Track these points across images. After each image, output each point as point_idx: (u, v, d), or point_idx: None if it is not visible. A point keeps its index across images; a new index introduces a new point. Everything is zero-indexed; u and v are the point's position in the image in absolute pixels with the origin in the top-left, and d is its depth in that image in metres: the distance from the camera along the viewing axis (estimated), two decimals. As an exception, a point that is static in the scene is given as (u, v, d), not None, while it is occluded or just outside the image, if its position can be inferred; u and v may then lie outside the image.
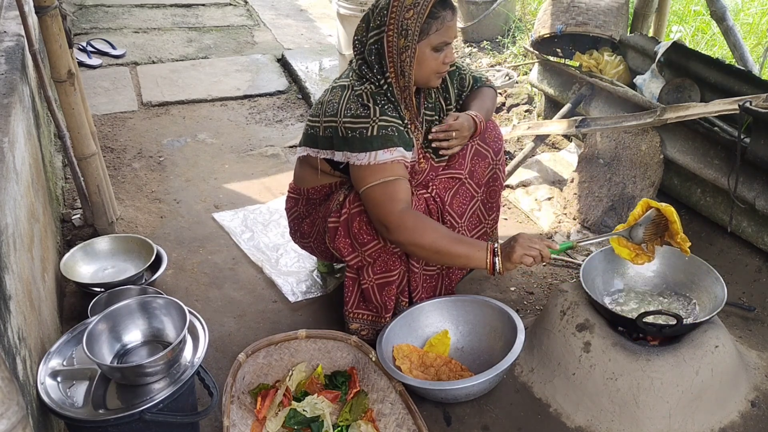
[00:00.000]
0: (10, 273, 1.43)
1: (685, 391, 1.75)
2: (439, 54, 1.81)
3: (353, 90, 1.83)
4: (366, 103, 1.79)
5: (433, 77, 1.87)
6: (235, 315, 2.24)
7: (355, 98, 1.81)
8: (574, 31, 3.05)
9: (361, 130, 1.77)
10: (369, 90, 1.82)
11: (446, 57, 1.83)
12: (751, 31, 4.45)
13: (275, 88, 4.07)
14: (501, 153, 2.15)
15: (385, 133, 1.77)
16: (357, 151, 1.78)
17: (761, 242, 2.43)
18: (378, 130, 1.77)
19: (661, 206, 1.83)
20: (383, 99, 1.83)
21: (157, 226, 2.69)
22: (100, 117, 3.54)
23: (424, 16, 1.74)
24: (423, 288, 2.06)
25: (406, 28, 1.74)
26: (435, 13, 1.75)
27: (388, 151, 1.77)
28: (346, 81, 1.87)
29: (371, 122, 1.77)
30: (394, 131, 1.79)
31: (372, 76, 1.83)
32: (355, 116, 1.78)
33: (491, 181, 2.16)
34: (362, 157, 1.77)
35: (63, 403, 1.48)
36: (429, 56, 1.80)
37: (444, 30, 1.78)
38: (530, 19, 4.82)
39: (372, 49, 1.81)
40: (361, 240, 1.88)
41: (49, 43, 2.17)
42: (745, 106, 2.29)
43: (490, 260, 1.74)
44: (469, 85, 2.13)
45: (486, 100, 2.12)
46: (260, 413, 1.78)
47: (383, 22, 1.77)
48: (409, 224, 1.75)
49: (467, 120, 1.98)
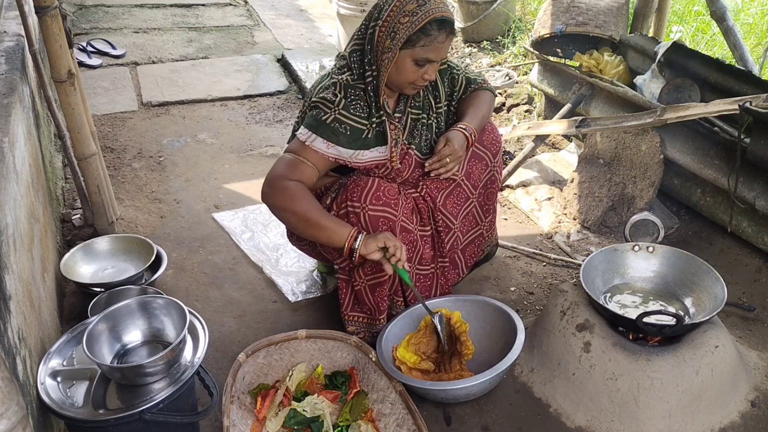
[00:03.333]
0: (10, 273, 1.43)
1: (685, 391, 1.75)
2: (418, 68, 1.81)
3: (331, 78, 1.88)
4: (336, 92, 1.84)
5: (407, 86, 1.87)
6: (235, 315, 2.24)
7: (330, 85, 1.86)
8: (574, 31, 3.05)
9: (320, 112, 1.83)
10: (344, 81, 1.85)
11: (426, 73, 1.82)
12: (751, 31, 4.45)
13: (275, 88, 4.08)
14: (499, 155, 2.14)
15: (336, 127, 1.82)
16: (306, 126, 1.85)
17: (761, 242, 2.43)
18: (333, 120, 1.82)
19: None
20: (357, 93, 1.85)
21: (157, 226, 2.69)
22: (100, 117, 3.54)
23: (416, 28, 1.73)
24: (417, 287, 2.06)
25: (396, 31, 1.75)
26: (428, 29, 1.74)
27: (325, 143, 1.83)
28: (332, 70, 1.92)
29: (332, 111, 1.82)
30: (346, 129, 1.83)
31: (357, 66, 1.85)
32: (322, 98, 1.84)
33: (488, 183, 2.16)
34: (304, 133, 1.85)
35: (63, 403, 1.48)
36: (408, 66, 1.80)
37: (431, 48, 1.77)
38: (530, 19, 4.82)
39: (369, 38, 1.83)
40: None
41: (49, 43, 2.17)
42: (745, 106, 2.29)
43: (349, 243, 1.78)
44: (461, 85, 2.10)
45: (481, 105, 2.09)
46: (260, 413, 1.78)
47: (381, 16, 1.79)
48: (289, 191, 1.81)
49: (458, 139, 1.97)
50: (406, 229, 1.92)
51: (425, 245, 2.05)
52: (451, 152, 1.94)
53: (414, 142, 2.00)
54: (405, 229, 1.92)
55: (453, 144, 1.95)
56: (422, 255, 2.04)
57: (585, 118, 2.88)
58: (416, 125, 2.00)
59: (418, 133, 2.02)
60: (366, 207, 1.83)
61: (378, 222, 1.84)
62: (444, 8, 1.76)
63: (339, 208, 1.87)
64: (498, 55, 4.47)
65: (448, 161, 1.95)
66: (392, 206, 1.86)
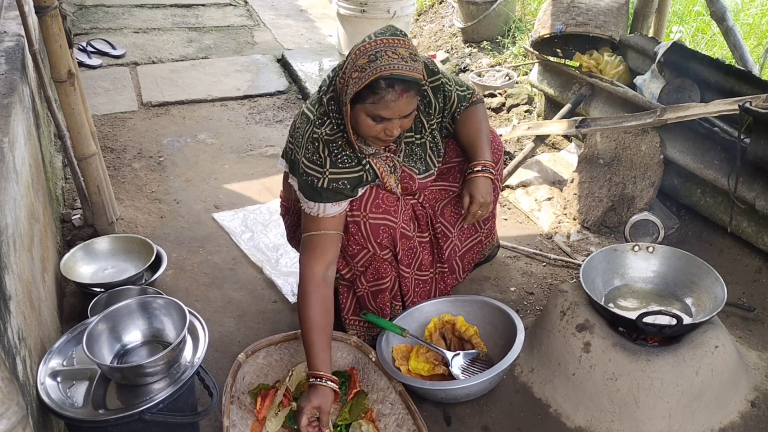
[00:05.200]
0: (10, 273, 1.43)
1: (685, 392, 1.75)
2: (376, 123, 1.68)
3: (313, 130, 1.76)
4: (320, 152, 1.74)
5: (374, 140, 1.76)
6: (235, 315, 2.24)
7: (312, 141, 1.75)
8: (574, 32, 3.05)
9: (313, 179, 1.75)
10: (324, 136, 1.74)
11: (387, 129, 1.70)
12: (751, 31, 4.45)
13: (275, 88, 4.07)
14: (500, 163, 2.12)
15: (335, 187, 1.75)
16: (307, 198, 1.78)
17: (761, 242, 2.43)
18: (328, 183, 1.74)
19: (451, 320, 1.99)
20: (339, 144, 1.75)
21: (157, 226, 2.69)
22: (100, 117, 3.54)
23: (361, 85, 1.62)
24: (415, 292, 2.06)
25: (347, 85, 1.65)
26: (375, 87, 1.61)
27: (336, 205, 1.77)
28: (312, 113, 1.80)
29: (323, 174, 1.74)
30: (344, 184, 1.76)
31: (334, 115, 1.76)
32: (309, 161, 1.75)
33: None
34: (312, 207, 1.78)
35: (63, 403, 1.48)
36: (364, 121, 1.68)
37: (381, 105, 1.63)
38: (530, 19, 4.82)
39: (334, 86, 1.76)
40: (351, 252, 1.88)
41: (49, 43, 2.17)
42: (745, 107, 2.29)
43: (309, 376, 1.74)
44: (452, 102, 1.99)
45: (482, 126, 2.02)
46: (260, 413, 1.78)
47: (341, 67, 1.72)
48: (309, 288, 1.77)
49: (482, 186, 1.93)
50: (405, 236, 1.92)
51: (424, 251, 2.04)
52: (481, 206, 1.93)
53: (415, 166, 1.94)
54: (404, 236, 1.92)
55: (479, 198, 1.92)
56: (421, 261, 2.04)
57: (585, 118, 2.88)
58: (413, 149, 1.94)
59: (416, 156, 1.95)
60: (366, 215, 1.82)
61: (379, 230, 1.84)
62: (396, 64, 1.61)
63: None
64: (498, 55, 4.46)
65: (481, 213, 1.94)
66: (392, 213, 1.86)
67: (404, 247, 1.93)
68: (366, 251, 1.87)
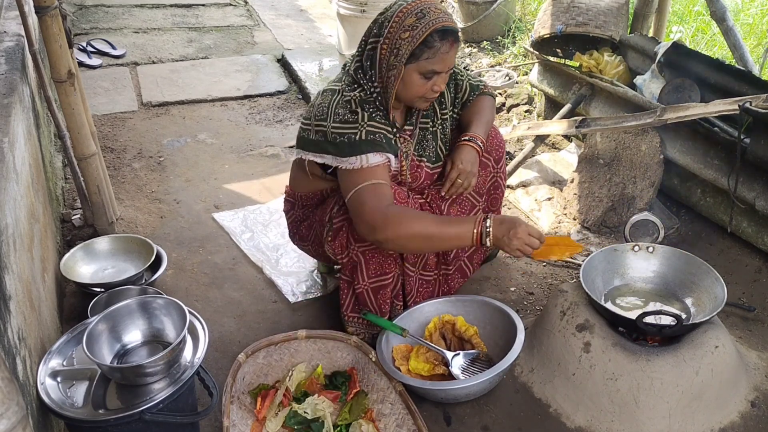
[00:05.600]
0: (10, 273, 1.43)
1: (685, 392, 1.75)
2: (426, 81, 1.77)
3: (342, 95, 1.80)
4: (354, 109, 1.77)
5: (418, 101, 1.83)
6: (235, 315, 2.24)
7: (344, 104, 1.78)
8: (574, 32, 3.05)
9: (350, 135, 1.75)
10: (358, 97, 1.79)
11: (435, 85, 1.79)
12: (751, 31, 4.45)
13: (275, 88, 4.07)
14: (502, 161, 2.13)
15: (373, 138, 1.76)
16: (346, 155, 1.76)
17: (761, 242, 2.43)
18: (366, 134, 1.75)
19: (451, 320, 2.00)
20: (372, 107, 1.80)
21: (157, 226, 2.69)
22: (100, 117, 3.54)
23: (417, 42, 1.69)
24: (418, 293, 2.06)
25: (398, 47, 1.71)
26: (430, 41, 1.70)
27: (377, 155, 1.77)
28: (338, 85, 1.84)
29: (359, 127, 1.75)
30: (382, 138, 1.78)
31: (365, 82, 1.81)
32: (343, 121, 1.76)
33: (492, 189, 2.15)
34: (353, 161, 1.75)
35: (63, 403, 1.48)
36: (416, 80, 1.76)
37: (436, 60, 1.73)
38: (530, 19, 4.82)
39: (369, 54, 1.79)
40: (357, 237, 1.86)
41: (49, 43, 2.17)
42: (745, 107, 2.29)
43: (477, 235, 1.72)
44: (464, 91, 2.07)
45: (486, 111, 2.07)
46: (260, 413, 1.78)
47: (382, 33, 1.75)
48: (395, 218, 1.71)
49: (465, 156, 1.95)
50: None
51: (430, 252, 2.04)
52: (460, 172, 1.93)
53: (425, 155, 1.98)
54: None
55: (459, 164, 1.93)
56: (426, 260, 2.04)
57: (585, 118, 2.88)
58: (425, 135, 1.98)
59: (427, 144, 1.99)
60: None
61: None
62: (444, 17, 1.72)
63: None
64: (498, 55, 4.46)
65: (459, 182, 1.94)
66: None
67: None
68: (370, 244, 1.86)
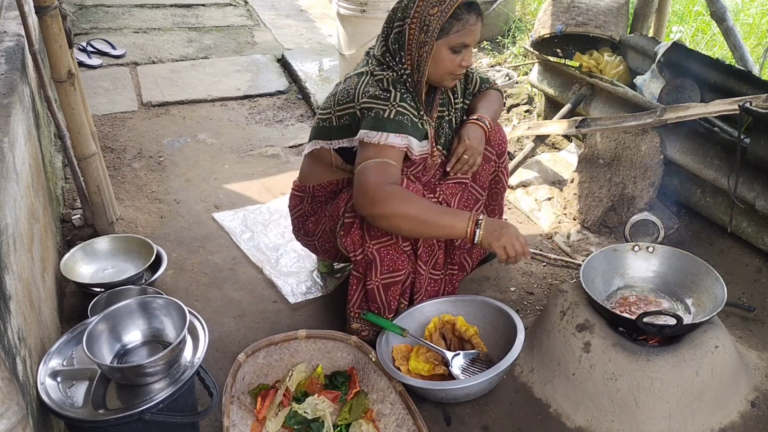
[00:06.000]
0: (10, 273, 1.43)
1: (685, 392, 1.75)
2: (456, 55, 1.83)
3: (373, 75, 1.86)
4: (387, 87, 1.82)
5: (447, 78, 1.89)
6: (235, 315, 2.24)
7: (375, 83, 1.84)
8: (574, 32, 3.05)
9: (379, 110, 1.80)
10: (390, 77, 1.84)
11: (463, 59, 1.85)
12: (751, 31, 4.45)
13: (275, 88, 4.07)
14: (504, 155, 2.14)
15: (401, 120, 1.80)
16: (370, 128, 1.79)
17: (761, 242, 2.43)
18: (395, 114, 1.79)
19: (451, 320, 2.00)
20: (403, 88, 1.85)
21: (157, 226, 2.69)
22: (100, 117, 3.54)
23: (447, 15, 1.77)
24: (426, 291, 2.06)
25: (428, 23, 1.77)
26: (459, 14, 1.78)
27: (399, 137, 1.79)
28: (364, 68, 1.90)
29: (390, 105, 1.80)
30: (408, 121, 1.82)
31: (395, 64, 1.86)
32: (373, 96, 1.81)
33: (494, 183, 2.16)
34: (373, 136, 1.78)
35: (63, 403, 1.48)
36: (446, 55, 1.82)
37: (465, 32, 1.80)
38: (530, 19, 4.82)
39: (395, 38, 1.84)
40: (373, 233, 1.87)
41: (49, 43, 2.17)
42: (745, 107, 2.29)
43: (471, 230, 1.76)
44: (474, 83, 2.13)
45: (493, 102, 2.13)
46: (260, 413, 1.78)
47: (408, 14, 1.81)
48: (397, 195, 1.74)
49: (471, 132, 1.98)
50: None
51: (439, 250, 2.03)
52: (466, 148, 1.96)
53: (440, 142, 2.02)
54: None
55: (465, 139, 1.96)
56: (437, 260, 2.03)
57: (585, 118, 2.88)
58: (441, 123, 2.02)
59: (443, 132, 2.03)
60: None
61: None
62: None
63: None
64: (498, 55, 4.46)
65: (466, 158, 1.96)
66: None
67: (425, 243, 1.94)
68: (388, 238, 1.87)
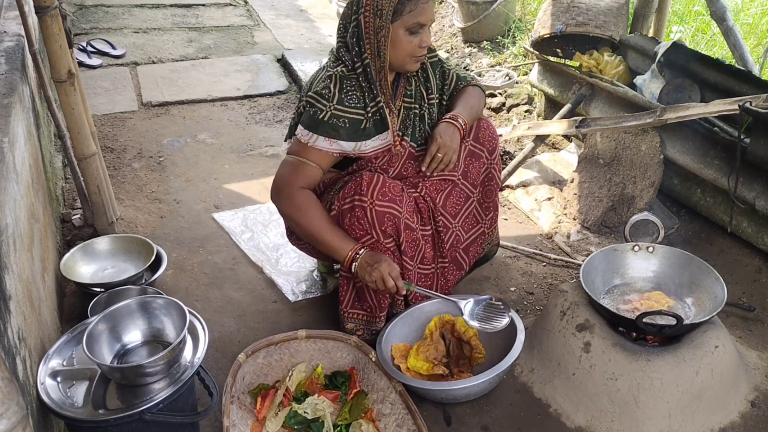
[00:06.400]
0: (10, 273, 1.43)
1: (685, 392, 1.75)
2: (413, 36, 1.84)
3: (326, 70, 1.91)
4: (331, 87, 1.85)
5: (409, 60, 1.89)
6: (235, 315, 2.24)
7: (325, 78, 1.88)
8: (574, 32, 3.05)
9: (317, 110, 1.85)
10: (339, 73, 1.87)
11: (422, 41, 1.85)
12: (751, 31, 4.45)
13: (275, 88, 4.07)
14: (496, 152, 2.13)
15: (334, 123, 1.84)
16: (304, 126, 1.87)
17: (761, 242, 2.43)
18: (330, 117, 1.84)
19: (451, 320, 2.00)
20: (352, 83, 1.87)
21: (157, 226, 2.69)
22: (100, 117, 3.54)
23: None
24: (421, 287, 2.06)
25: (381, 8, 1.79)
26: None
27: (327, 141, 1.86)
28: (328, 64, 1.94)
29: (327, 108, 1.84)
30: (344, 123, 1.85)
31: (349, 59, 1.87)
32: (318, 94, 1.86)
33: (486, 180, 2.15)
34: (305, 135, 1.87)
35: (63, 403, 1.48)
36: (403, 38, 1.83)
37: (417, 11, 1.80)
38: (530, 19, 4.81)
39: (353, 31, 1.85)
40: (354, 235, 1.88)
41: (49, 43, 2.17)
42: (745, 107, 2.29)
43: (349, 261, 1.86)
44: (451, 80, 2.11)
45: (470, 98, 2.09)
46: (260, 413, 1.78)
47: (361, 4, 1.82)
48: (297, 201, 1.87)
49: (444, 131, 1.95)
50: (409, 227, 1.93)
51: (426, 245, 2.05)
52: (439, 146, 1.94)
53: (407, 133, 2.01)
54: (408, 227, 1.92)
55: (437, 138, 1.94)
56: (423, 254, 2.04)
57: (585, 118, 2.88)
58: (408, 115, 2.01)
59: (411, 124, 2.01)
60: (373, 202, 1.83)
61: (384, 217, 1.85)
62: None
63: (343, 202, 1.87)
64: (498, 55, 4.46)
65: (440, 156, 1.95)
66: (397, 203, 1.87)
67: (408, 238, 1.93)
68: (369, 237, 1.88)
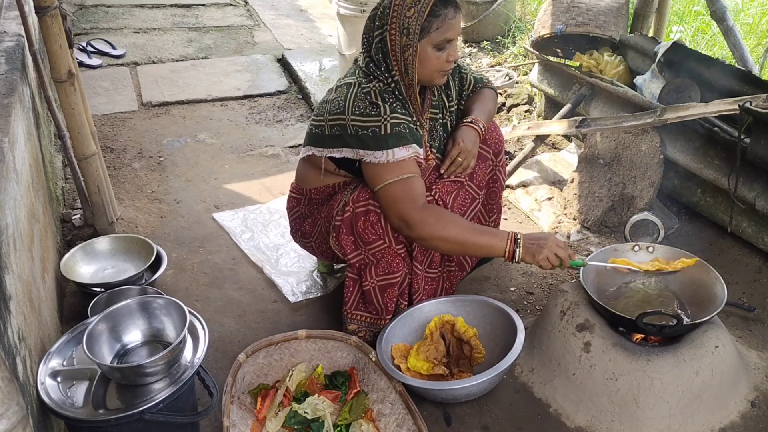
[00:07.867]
0: (10, 273, 1.43)
1: (685, 391, 1.75)
2: (441, 52, 1.81)
3: (361, 87, 1.81)
4: (375, 101, 1.78)
5: (437, 75, 1.87)
6: (235, 315, 2.24)
7: (363, 96, 1.79)
8: (574, 32, 3.05)
9: (374, 129, 1.76)
10: (377, 88, 1.81)
11: (449, 55, 1.83)
12: (751, 31, 4.45)
13: (275, 88, 4.07)
14: (501, 154, 2.15)
15: (399, 131, 1.77)
16: (372, 149, 1.77)
17: (761, 242, 2.43)
18: (391, 127, 1.77)
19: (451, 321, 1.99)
20: (392, 97, 1.83)
21: (157, 226, 2.69)
22: (100, 117, 3.54)
23: (424, 15, 1.74)
24: (424, 290, 2.06)
25: (407, 26, 1.75)
26: (436, 11, 1.75)
27: (404, 149, 1.78)
28: (352, 79, 1.86)
29: (383, 120, 1.77)
30: (406, 128, 1.79)
31: (380, 74, 1.83)
32: (364, 114, 1.77)
33: (491, 182, 2.16)
34: (379, 155, 1.76)
35: (63, 403, 1.48)
36: (431, 54, 1.80)
37: (445, 28, 1.77)
38: (530, 19, 4.82)
39: (377, 47, 1.82)
40: (366, 239, 1.88)
41: (49, 43, 2.17)
42: (745, 106, 2.29)
43: (510, 248, 1.78)
44: (468, 84, 2.13)
45: (487, 101, 2.12)
46: (260, 413, 1.78)
47: (386, 21, 1.78)
48: (431, 219, 1.77)
49: (466, 135, 1.97)
50: None
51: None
52: (460, 150, 1.95)
53: (434, 145, 2.00)
54: None
55: (460, 142, 1.96)
56: (432, 258, 2.04)
57: (585, 118, 2.88)
58: (434, 126, 2.01)
59: (437, 135, 2.02)
60: None
61: None
62: None
63: (357, 204, 1.86)
64: (498, 55, 4.46)
65: (460, 161, 1.96)
66: None
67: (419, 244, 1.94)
68: (381, 242, 1.88)
